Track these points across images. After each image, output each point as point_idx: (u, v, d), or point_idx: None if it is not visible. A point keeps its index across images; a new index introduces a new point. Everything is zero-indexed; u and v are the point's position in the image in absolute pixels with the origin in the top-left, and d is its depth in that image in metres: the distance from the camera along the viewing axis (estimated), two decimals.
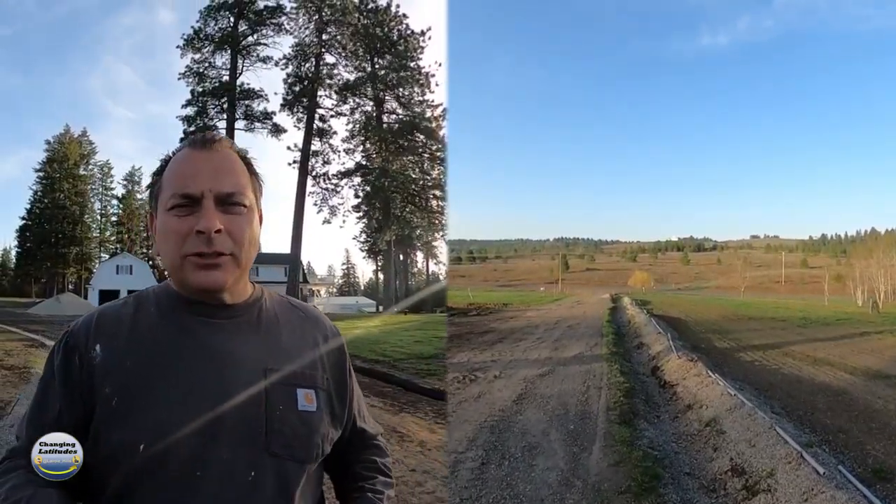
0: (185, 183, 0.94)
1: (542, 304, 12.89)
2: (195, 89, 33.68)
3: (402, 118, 35.01)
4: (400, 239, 36.48)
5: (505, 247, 58.51)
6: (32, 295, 45.03)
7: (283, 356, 0.99)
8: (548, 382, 7.01)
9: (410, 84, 34.91)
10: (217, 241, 0.93)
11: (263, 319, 1.02)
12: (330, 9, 33.37)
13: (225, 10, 33.24)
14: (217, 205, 0.94)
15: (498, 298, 12.99)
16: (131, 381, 0.91)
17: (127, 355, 0.93)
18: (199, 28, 33.40)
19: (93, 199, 51.34)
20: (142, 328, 0.96)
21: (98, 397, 0.91)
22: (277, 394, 0.95)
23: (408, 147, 34.54)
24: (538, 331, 13.49)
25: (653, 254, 54.20)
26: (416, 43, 34.56)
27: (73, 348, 0.95)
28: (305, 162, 34.09)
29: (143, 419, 0.89)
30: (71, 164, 48.15)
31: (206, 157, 0.97)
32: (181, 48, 33.73)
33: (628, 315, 17.98)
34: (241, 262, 0.96)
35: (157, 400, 0.90)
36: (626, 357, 9.26)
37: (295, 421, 0.96)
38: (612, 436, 4.66)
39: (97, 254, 50.21)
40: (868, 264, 18.50)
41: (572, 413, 5.46)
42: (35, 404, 0.97)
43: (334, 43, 34.40)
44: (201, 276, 0.93)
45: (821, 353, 10.35)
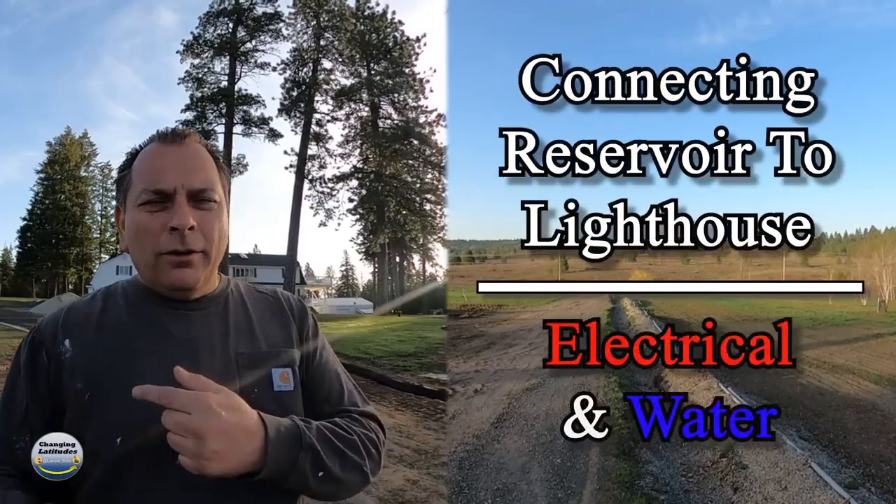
0: (156, 178, 0.93)
1: (539, 304, 12.30)
2: (194, 94, 35.19)
3: (396, 123, 36.22)
4: (394, 242, 37.44)
5: (505, 247, 57.98)
6: (33, 295, 45.51)
7: (253, 339, 1.00)
8: (535, 399, 6.13)
9: (405, 89, 36.15)
10: (190, 239, 0.92)
11: (231, 306, 1.03)
12: (328, 14, 34.66)
13: (224, 17, 34.64)
14: (189, 200, 0.93)
15: (492, 299, 12.36)
16: (103, 374, 0.91)
17: (97, 349, 0.93)
18: (199, 34, 34.89)
19: (93, 201, 52.05)
20: (111, 321, 0.96)
21: (69, 393, 0.90)
22: (252, 377, 0.95)
23: (402, 152, 35.66)
24: (531, 335, 12.48)
25: (652, 253, 53.59)
26: (412, 49, 35.73)
27: (40, 344, 0.95)
28: (302, 166, 35.71)
29: (117, 412, 0.88)
30: (72, 166, 48.63)
31: (177, 152, 0.95)
32: (181, 53, 35.34)
33: (628, 316, 17.12)
34: (211, 258, 0.97)
35: (130, 392, 0.84)
36: (626, 365, 8.39)
37: (271, 403, 0.95)
38: (608, 473, 3.79)
39: (97, 254, 50.71)
40: (870, 263, 17.77)
41: (560, 441, 4.58)
42: (1, 402, 0.95)
43: (331, 48, 35.67)
44: (175, 274, 0.93)
45: (838, 359, 9.49)
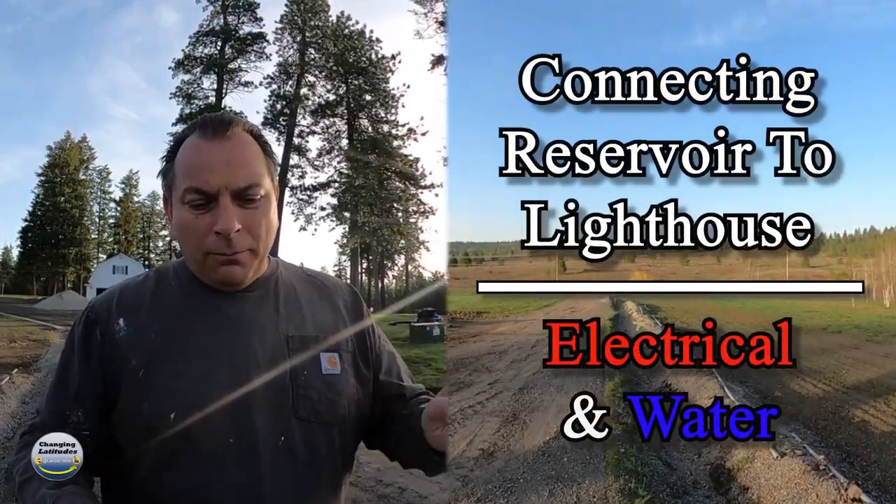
0: (199, 177, 0.92)
1: (527, 310, 10.90)
2: (184, 110, 37.21)
3: (371, 136, 38.48)
4: (366, 247, 40.16)
5: (502, 248, 58.02)
6: (34, 293, 46.21)
7: (303, 323, 1.02)
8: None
9: (377, 106, 38.55)
10: (236, 240, 0.93)
11: (281, 290, 1.04)
12: (312, 30, 36.65)
13: (213, 36, 36.67)
14: (233, 199, 0.93)
15: (473, 305, 11.26)
16: (157, 352, 0.93)
17: (151, 328, 0.95)
18: (189, 53, 37.02)
19: (92, 203, 52.64)
20: (164, 301, 0.98)
21: (124, 370, 0.93)
22: (301, 359, 0.98)
23: (371, 165, 38.13)
24: (502, 362, 8.07)
25: (651, 253, 53.64)
26: (387, 66, 37.96)
27: (94, 323, 0.97)
28: (284, 175, 37.79)
29: (171, 389, 0.91)
30: (71, 170, 49.41)
31: (219, 148, 0.93)
32: (172, 69, 37.46)
33: (637, 328, 15.17)
34: (259, 253, 0.98)
35: (184, 369, 0.91)
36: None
37: (320, 385, 0.98)
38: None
39: (95, 254, 51.40)
40: (877, 262, 17.84)
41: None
42: (55, 379, 0.98)
43: (314, 63, 37.85)
44: (222, 271, 0.95)
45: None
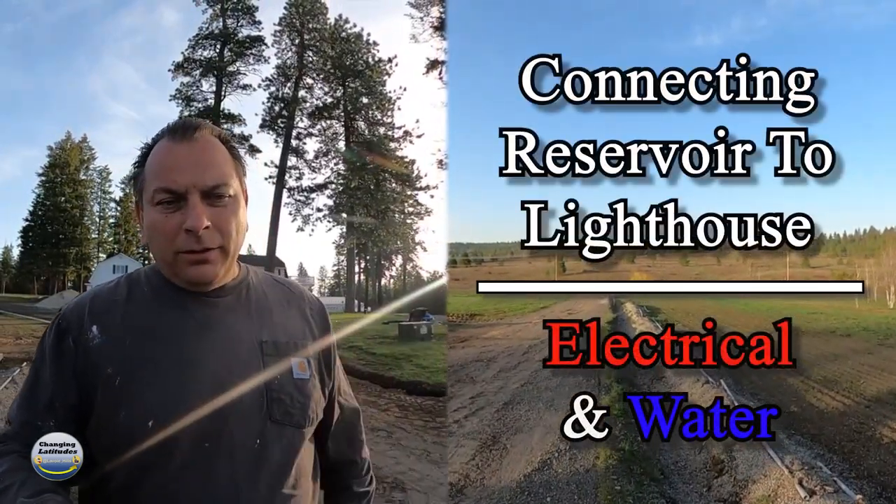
0: (168, 177, 0.94)
1: (523, 313, 10.66)
2: (183, 112, 37.93)
3: (367, 139, 39.34)
4: (363, 247, 41.11)
5: (502, 249, 58.09)
6: (35, 292, 46.80)
7: (274, 328, 1.03)
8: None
9: (374, 109, 39.38)
10: (205, 238, 0.93)
11: (252, 295, 1.05)
12: (310, 33, 37.36)
13: (212, 40, 36.62)
14: (202, 198, 0.94)
15: (469, 307, 11.06)
16: (133, 358, 0.93)
17: (125, 334, 0.95)
18: (188, 55, 37.51)
19: (92, 203, 53.43)
20: (137, 308, 0.98)
21: (99, 379, 0.92)
22: (275, 364, 0.99)
23: (367, 168, 38.93)
24: (489, 371, 7.47)
25: (651, 254, 53.62)
26: (384, 69, 38.73)
27: (66, 331, 0.96)
28: (282, 176, 38.30)
29: (149, 396, 0.90)
30: (72, 170, 50.08)
31: (188, 149, 0.95)
32: (172, 72, 38.32)
33: (636, 331, 15.38)
34: (229, 252, 0.98)
35: (161, 376, 0.91)
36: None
37: (292, 389, 1.00)
38: None
39: (95, 254, 52.13)
40: (878, 262, 17.72)
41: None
42: (26, 389, 0.97)
43: (312, 65, 38.69)
44: (193, 271, 0.95)
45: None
